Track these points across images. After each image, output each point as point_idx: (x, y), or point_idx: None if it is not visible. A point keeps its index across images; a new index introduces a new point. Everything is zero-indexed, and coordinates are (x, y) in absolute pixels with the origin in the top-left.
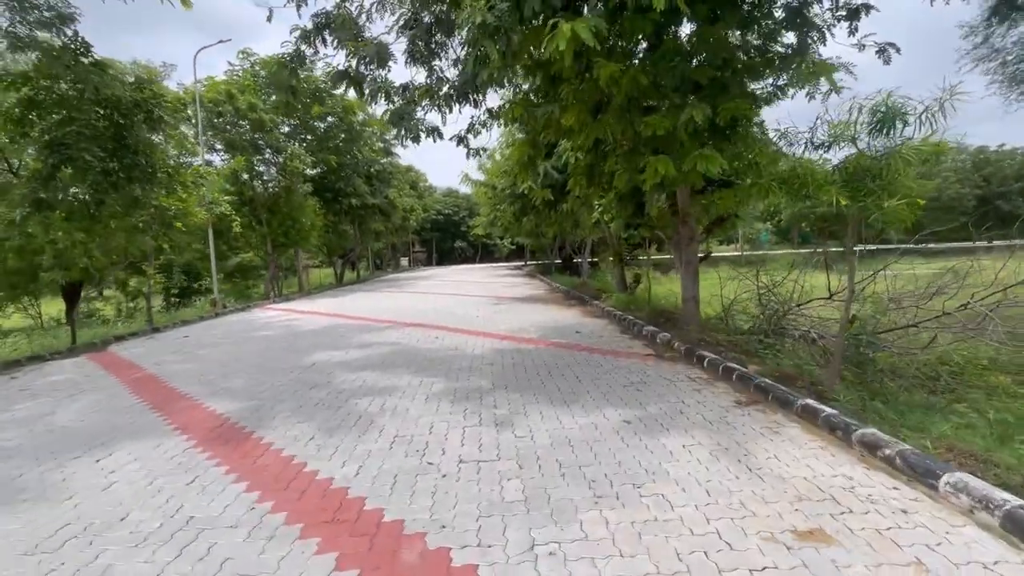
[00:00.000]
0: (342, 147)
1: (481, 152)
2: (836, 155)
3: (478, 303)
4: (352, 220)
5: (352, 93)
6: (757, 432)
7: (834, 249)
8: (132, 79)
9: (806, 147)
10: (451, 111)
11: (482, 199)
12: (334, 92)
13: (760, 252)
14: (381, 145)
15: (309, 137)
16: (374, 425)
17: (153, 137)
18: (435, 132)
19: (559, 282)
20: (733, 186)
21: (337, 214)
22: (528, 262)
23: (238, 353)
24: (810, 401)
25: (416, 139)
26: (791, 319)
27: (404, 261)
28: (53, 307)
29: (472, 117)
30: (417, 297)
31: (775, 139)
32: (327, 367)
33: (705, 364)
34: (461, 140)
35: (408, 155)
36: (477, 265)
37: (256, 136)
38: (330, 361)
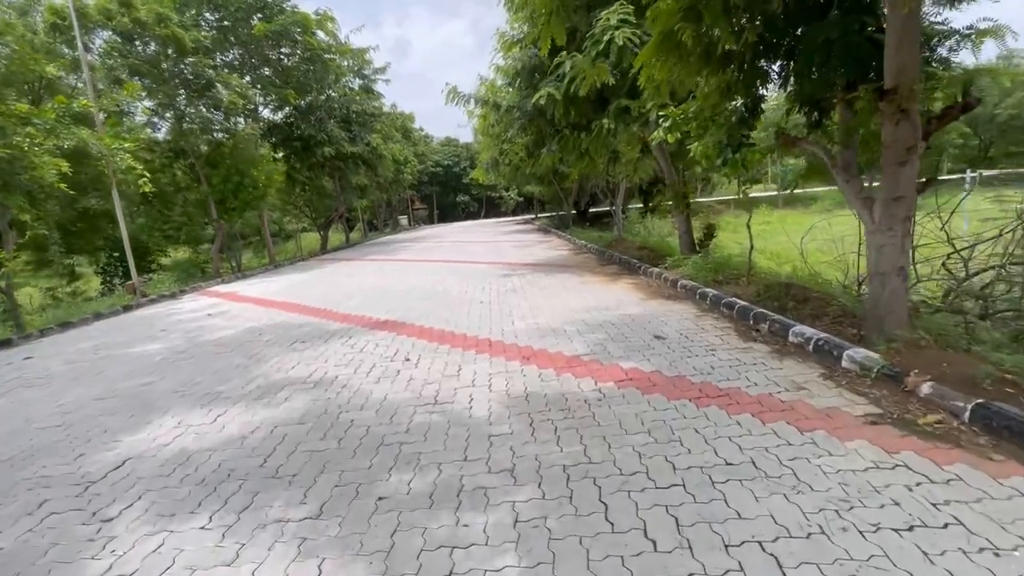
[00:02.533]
0: (306, 81)
1: None
2: None
3: (483, 275)
4: (330, 174)
5: None
6: None
7: None
8: None
9: None
10: None
11: (483, 133)
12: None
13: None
14: (359, 82)
15: (266, 71)
16: None
17: None
18: None
19: (584, 238)
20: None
21: (312, 168)
22: (539, 215)
23: (41, 413)
24: None
25: None
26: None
27: (403, 220)
28: None
29: None
30: (405, 267)
31: None
32: (129, 492)
33: None
34: None
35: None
36: (482, 221)
37: (182, 65)
38: (161, 455)
